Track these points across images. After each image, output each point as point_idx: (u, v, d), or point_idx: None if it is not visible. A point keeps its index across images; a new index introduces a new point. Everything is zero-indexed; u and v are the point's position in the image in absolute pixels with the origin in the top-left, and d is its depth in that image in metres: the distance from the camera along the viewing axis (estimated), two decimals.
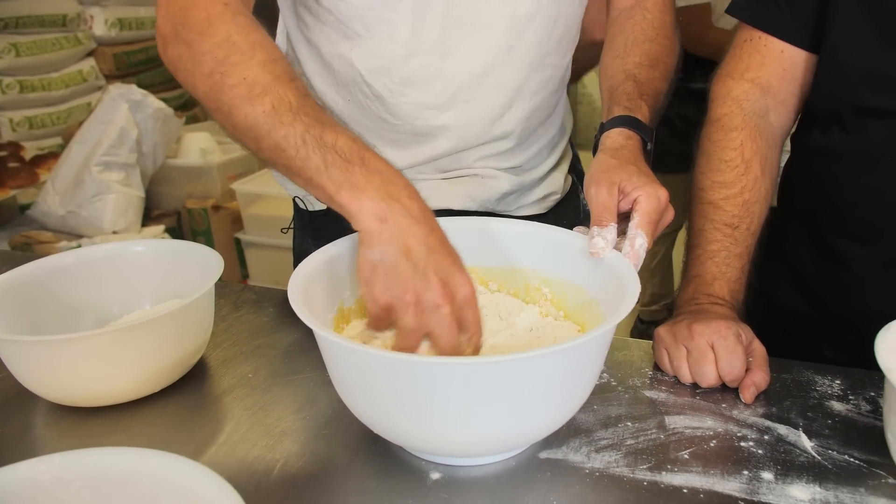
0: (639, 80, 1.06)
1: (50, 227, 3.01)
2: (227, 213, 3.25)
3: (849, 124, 1.03)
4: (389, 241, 0.76)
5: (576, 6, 1.11)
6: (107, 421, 0.89)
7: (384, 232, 0.76)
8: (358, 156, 0.80)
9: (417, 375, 0.69)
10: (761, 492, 0.75)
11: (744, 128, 1.08)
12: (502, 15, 1.04)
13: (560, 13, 1.08)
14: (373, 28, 1.02)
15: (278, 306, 1.15)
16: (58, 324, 0.99)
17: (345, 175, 0.79)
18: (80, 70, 3.43)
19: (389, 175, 0.79)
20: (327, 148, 0.80)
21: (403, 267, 0.76)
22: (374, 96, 1.08)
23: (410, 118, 1.09)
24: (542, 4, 1.05)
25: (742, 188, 1.06)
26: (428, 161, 1.13)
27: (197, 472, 0.58)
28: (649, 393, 0.92)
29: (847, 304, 1.09)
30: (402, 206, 0.77)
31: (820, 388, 0.92)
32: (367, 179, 0.78)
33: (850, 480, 0.77)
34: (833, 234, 1.08)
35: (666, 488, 0.75)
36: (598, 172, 0.93)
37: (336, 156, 0.79)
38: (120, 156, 2.97)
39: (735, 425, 0.85)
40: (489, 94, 1.08)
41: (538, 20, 1.06)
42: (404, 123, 1.09)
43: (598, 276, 0.88)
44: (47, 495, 0.59)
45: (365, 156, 0.80)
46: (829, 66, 1.03)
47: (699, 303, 1.01)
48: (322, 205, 1.19)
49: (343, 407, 0.85)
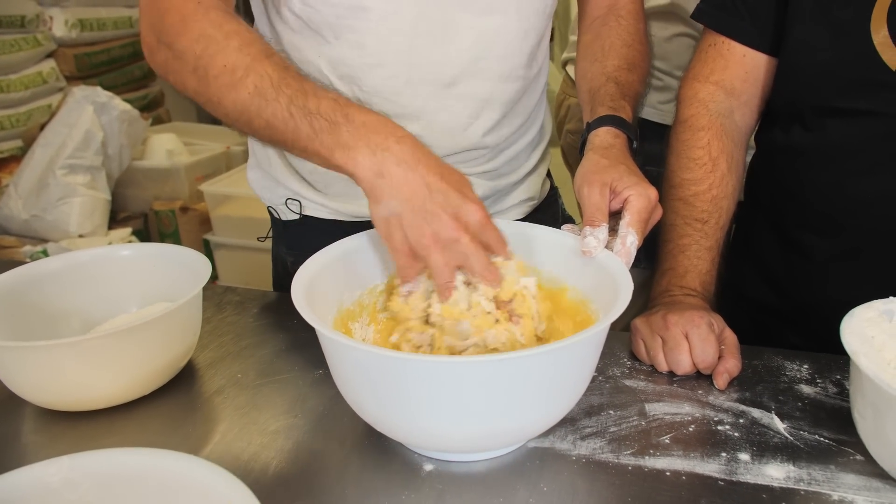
0: (619, 82, 1.07)
1: (13, 232, 2.96)
2: (195, 214, 3.22)
3: (809, 123, 1.06)
4: (391, 192, 0.78)
5: (545, 19, 1.12)
6: (98, 425, 0.89)
7: (384, 185, 0.79)
8: (342, 114, 0.81)
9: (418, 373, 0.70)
10: (739, 472, 0.78)
11: (710, 128, 1.11)
12: (471, 27, 1.04)
13: (531, 26, 1.08)
14: (341, 36, 1.02)
15: (262, 307, 1.16)
16: (44, 329, 0.99)
17: (333, 137, 0.81)
18: (39, 71, 3.37)
19: (375, 125, 0.81)
20: (312, 115, 0.81)
21: (411, 213, 0.78)
22: None
23: None
24: (512, 18, 1.05)
25: (710, 185, 1.09)
26: None
27: (207, 469, 0.59)
28: (629, 382, 0.95)
29: (810, 294, 1.13)
30: (392, 153, 0.79)
31: (789, 373, 0.96)
32: (354, 136, 0.80)
33: (822, 458, 0.80)
34: (796, 227, 1.12)
35: (650, 472, 0.78)
36: (590, 172, 0.94)
37: (322, 120, 0.81)
38: (85, 158, 2.93)
39: (712, 410, 0.89)
40: (457, 105, 1.08)
41: (508, 34, 1.06)
42: None
43: (591, 275, 0.89)
44: (57, 497, 0.60)
45: (348, 112, 0.81)
46: (788, 68, 1.07)
47: (673, 294, 1.04)
48: (294, 214, 1.20)
49: (334, 403, 0.87)
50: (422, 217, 0.78)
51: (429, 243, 0.78)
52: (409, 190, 0.78)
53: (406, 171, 0.78)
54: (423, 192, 0.78)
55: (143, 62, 3.94)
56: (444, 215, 0.78)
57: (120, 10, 3.75)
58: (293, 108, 0.82)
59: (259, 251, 1.34)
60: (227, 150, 3.52)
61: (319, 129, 0.81)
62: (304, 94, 0.83)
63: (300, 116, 0.82)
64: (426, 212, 0.78)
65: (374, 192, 0.80)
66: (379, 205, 0.80)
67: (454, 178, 0.80)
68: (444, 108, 1.08)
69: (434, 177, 0.79)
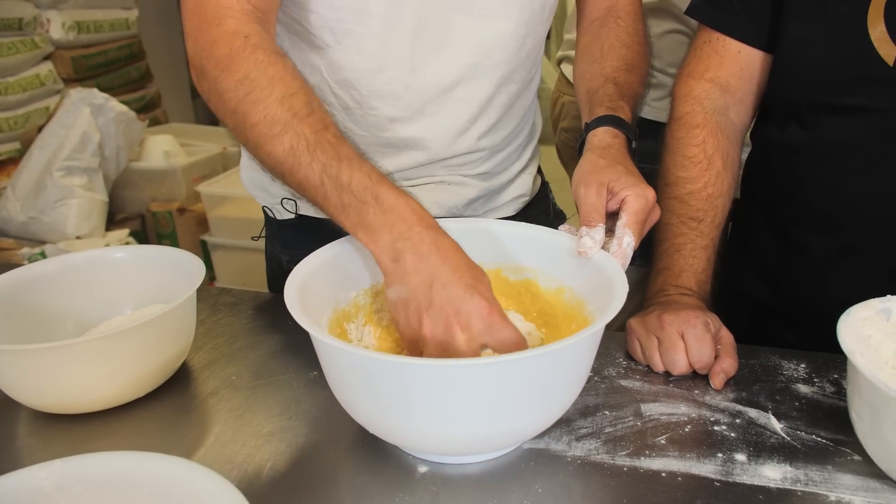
0: (618, 83, 1.07)
1: (11, 234, 2.97)
2: (192, 215, 3.23)
3: (805, 120, 1.06)
4: (402, 280, 0.79)
5: (544, 23, 1.11)
6: (92, 427, 0.89)
7: (397, 271, 0.79)
8: (371, 194, 0.81)
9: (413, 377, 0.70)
10: (735, 472, 0.78)
11: (705, 125, 1.11)
12: (473, 32, 1.03)
13: (529, 31, 1.08)
14: (342, 40, 1.01)
15: (256, 309, 1.16)
16: (39, 331, 0.99)
17: (360, 216, 0.81)
18: (37, 74, 3.37)
19: (402, 211, 0.81)
20: (343, 188, 0.82)
21: (415, 304, 0.79)
22: (340, 107, 1.07)
23: (376, 130, 1.08)
24: (512, 23, 1.05)
25: (705, 183, 1.09)
26: (393, 171, 1.11)
27: (198, 472, 0.59)
28: (624, 382, 0.95)
29: (808, 292, 1.12)
30: (412, 243, 0.79)
31: (786, 373, 0.96)
32: (380, 220, 0.80)
33: (819, 459, 0.80)
34: (793, 225, 1.12)
35: (645, 473, 0.78)
36: (587, 173, 0.94)
37: (351, 196, 0.81)
38: (82, 160, 2.93)
39: (708, 410, 0.89)
40: (456, 108, 1.08)
41: (508, 38, 1.06)
42: (370, 135, 1.09)
43: (586, 276, 0.89)
44: (49, 501, 0.60)
45: (378, 192, 0.81)
46: (784, 65, 1.07)
47: (668, 294, 1.04)
48: (290, 214, 1.20)
49: (328, 406, 0.87)
50: (424, 309, 0.78)
51: (426, 336, 0.78)
52: (417, 280, 0.79)
53: (419, 262, 0.79)
54: (430, 282, 0.78)
55: (139, 63, 3.95)
56: (445, 308, 0.78)
57: (117, 13, 3.75)
58: (325, 176, 0.83)
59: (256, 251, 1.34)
60: (223, 150, 3.53)
61: (347, 205, 0.82)
62: (339, 163, 0.83)
63: (331, 187, 0.82)
64: (429, 304, 0.78)
65: (388, 276, 0.81)
66: (391, 287, 0.81)
67: (469, 274, 0.80)
68: (443, 111, 1.08)
69: (446, 269, 0.79)
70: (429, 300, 0.78)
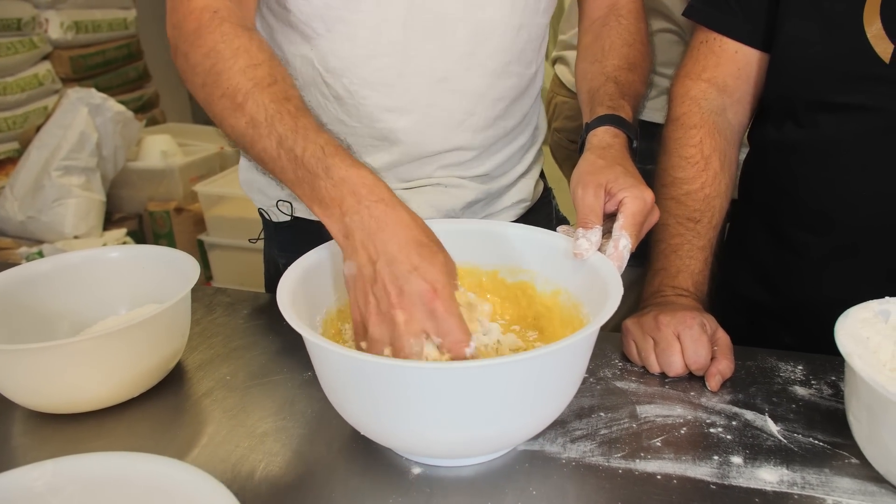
0: (619, 82, 1.07)
1: (9, 234, 2.97)
2: (189, 215, 3.23)
3: (801, 119, 1.06)
4: (352, 255, 0.78)
5: (540, 15, 1.11)
6: (87, 427, 0.89)
7: (348, 247, 0.79)
8: (322, 166, 0.80)
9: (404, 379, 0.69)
10: (731, 475, 0.78)
11: (702, 125, 1.11)
12: (465, 20, 1.03)
13: (524, 22, 1.08)
14: (333, 28, 1.01)
15: (252, 309, 1.15)
16: (34, 331, 0.98)
17: (313, 190, 0.80)
18: (35, 74, 3.37)
19: (353, 184, 0.79)
20: (297, 162, 0.81)
21: (362, 280, 0.77)
22: (333, 97, 1.07)
23: (369, 121, 1.07)
24: (506, 12, 1.05)
25: (702, 184, 1.09)
26: (387, 168, 1.11)
27: (190, 473, 0.59)
28: (620, 383, 0.94)
29: (804, 293, 1.12)
30: (360, 218, 0.77)
31: (783, 374, 0.95)
32: (330, 193, 0.79)
33: (816, 462, 0.80)
34: (790, 225, 1.11)
35: (640, 475, 0.78)
36: (585, 173, 0.93)
37: (304, 170, 0.80)
38: (80, 160, 2.93)
39: (704, 412, 0.88)
40: (450, 100, 1.07)
41: (501, 28, 1.05)
42: (362, 126, 1.08)
43: (582, 278, 0.88)
44: (41, 501, 0.60)
45: (329, 164, 0.80)
46: (781, 64, 1.06)
47: (664, 295, 1.04)
48: (285, 216, 1.19)
49: (322, 407, 0.87)
50: (371, 284, 0.76)
51: (371, 312, 0.77)
52: (364, 256, 0.77)
53: (366, 237, 0.77)
54: (374, 259, 0.76)
55: (138, 63, 3.95)
56: (388, 287, 0.75)
57: (115, 12, 3.75)
58: (282, 149, 0.82)
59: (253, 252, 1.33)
60: (220, 150, 3.53)
61: (302, 179, 0.81)
62: (294, 135, 0.82)
63: (286, 159, 0.82)
64: (376, 281, 0.76)
65: (343, 251, 0.80)
66: (345, 263, 0.80)
67: (418, 252, 0.76)
68: (437, 102, 1.07)
69: (392, 246, 0.76)
70: (373, 277, 0.76)
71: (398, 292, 0.75)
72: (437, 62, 1.05)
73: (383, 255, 0.76)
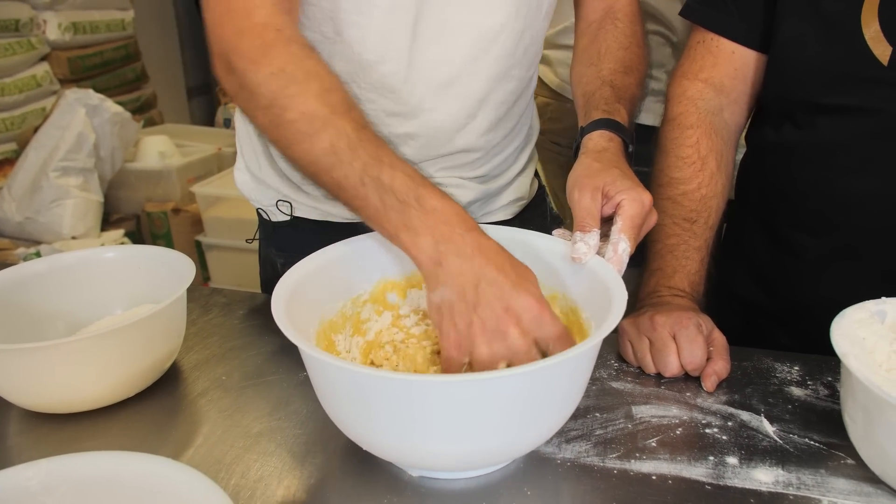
0: (615, 85, 1.06)
1: (7, 234, 2.97)
2: (187, 215, 3.23)
3: (799, 120, 1.06)
4: (446, 283, 0.77)
5: (541, 20, 1.11)
6: (82, 427, 0.89)
7: (440, 275, 0.78)
8: (413, 195, 0.79)
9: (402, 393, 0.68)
10: (727, 476, 0.78)
11: (699, 125, 1.11)
12: (471, 26, 1.03)
13: (527, 26, 1.07)
14: (343, 32, 1.00)
15: (248, 309, 1.15)
16: (30, 331, 0.98)
17: (401, 218, 0.79)
18: (33, 75, 3.37)
19: (445, 214, 0.79)
20: (385, 189, 0.79)
21: (461, 302, 0.77)
22: None
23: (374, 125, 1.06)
24: (511, 17, 1.04)
25: (699, 184, 1.09)
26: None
27: (184, 473, 0.59)
28: (616, 384, 0.94)
29: (801, 293, 1.12)
30: (455, 245, 0.77)
31: (779, 375, 0.95)
32: (422, 222, 0.78)
33: (811, 462, 0.80)
34: (787, 226, 1.11)
35: (636, 476, 0.78)
36: (582, 177, 0.92)
37: (393, 198, 0.79)
38: (78, 161, 2.93)
39: (700, 413, 0.88)
40: (453, 104, 1.07)
41: (506, 33, 1.05)
42: None
43: (581, 283, 0.87)
44: (34, 500, 0.60)
45: (420, 194, 0.79)
46: (778, 65, 1.06)
47: (661, 295, 1.04)
48: (285, 216, 1.19)
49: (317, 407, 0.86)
50: (472, 307, 0.76)
51: (476, 333, 0.76)
52: (463, 280, 0.77)
53: (463, 262, 0.77)
54: (476, 282, 0.77)
55: (135, 64, 3.95)
56: (494, 305, 0.76)
57: (113, 13, 3.75)
58: (366, 177, 0.80)
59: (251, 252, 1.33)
60: (218, 151, 3.52)
61: (389, 206, 0.80)
62: (380, 164, 0.81)
63: (372, 188, 0.80)
64: (478, 304, 0.76)
65: (430, 279, 0.79)
66: (434, 292, 0.79)
67: (514, 272, 0.78)
68: (441, 107, 1.07)
69: (491, 268, 0.77)
70: (476, 300, 0.76)
71: (506, 308, 0.76)
72: (441, 67, 1.05)
73: (484, 278, 0.76)
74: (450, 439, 0.70)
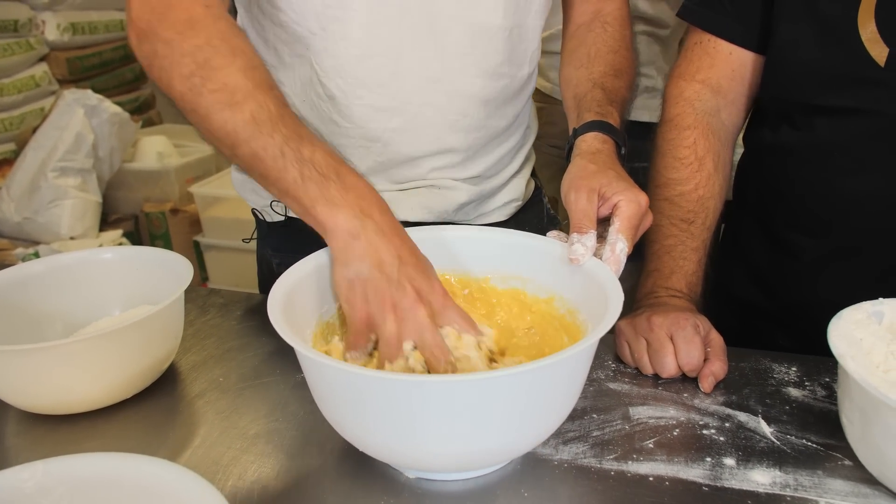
0: (606, 88, 1.06)
1: (6, 234, 2.96)
2: (185, 216, 3.22)
3: (797, 121, 1.06)
4: (362, 256, 0.79)
5: (533, 17, 1.10)
6: (80, 428, 0.89)
7: (357, 248, 0.79)
8: (334, 170, 0.81)
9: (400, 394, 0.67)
10: (724, 477, 0.77)
11: (696, 126, 1.11)
12: (458, 21, 1.03)
13: (517, 23, 1.07)
14: (327, 27, 1.00)
15: (245, 310, 1.15)
16: (27, 332, 0.98)
17: (320, 190, 0.80)
18: (32, 75, 3.37)
19: (363, 191, 0.82)
20: (304, 161, 0.81)
21: (378, 279, 0.78)
22: (327, 97, 1.06)
23: (362, 121, 1.06)
24: (499, 14, 1.04)
25: (696, 185, 1.09)
26: (380, 169, 1.10)
27: (180, 474, 0.59)
28: (613, 385, 0.94)
29: (799, 294, 1.12)
30: (374, 221, 0.80)
31: (777, 376, 0.95)
32: (341, 195, 0.80)
33: (809, 464, 0.80)
34: (785, 226, 1.11)
35: (633, 477, 0.78)
36: (578, 178, 0.92)
37: (313, 170, 0.81)
38: (76, 161, 2.93)
39: (697, 414, 0.88)
40: (442, 100, 1.07)
41: (494, 29, 1.05)
42: (355, 127, 1.07)
43: (578, 284, 0.87)
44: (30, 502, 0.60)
45: (340, 170, 0.82)
46: (776, 66, 1.06)
47: (658, 296, 1.04)
48: (279, 216, 1.19)
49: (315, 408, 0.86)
50: (387, 283, 0.79)
51: (388, 309, 0.79)
52: (381, 257, 0.79)
53: (382, 239, 0.80)
54: (394, 262, 0.79)
55: (134, 65, 3.94)
56: (408, 286, 0.79)
57: (111, 14, 3.75)
58: (287, 148, 0.82)
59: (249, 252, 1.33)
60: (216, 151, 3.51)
61: (307, 178, 0.81)
62: (300, 138, 0.83)
63: (291, 159, 0.82)
64: (392, 280, 0.79)
65: (344, 253, 0.80)
66: (346, 266, 0.80)
67: (423, 260, 0.83)
68: (430, 102, 1.07)
69: (407, 252, 0.81)
70: (393, 277, 0.79)
71: (418, 290, 0.79)
72: (430, 62, 1.04)
73: (400, 259, 0.79)
74: (447, 440, 0.70)
